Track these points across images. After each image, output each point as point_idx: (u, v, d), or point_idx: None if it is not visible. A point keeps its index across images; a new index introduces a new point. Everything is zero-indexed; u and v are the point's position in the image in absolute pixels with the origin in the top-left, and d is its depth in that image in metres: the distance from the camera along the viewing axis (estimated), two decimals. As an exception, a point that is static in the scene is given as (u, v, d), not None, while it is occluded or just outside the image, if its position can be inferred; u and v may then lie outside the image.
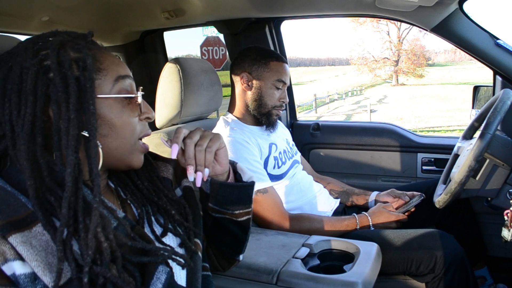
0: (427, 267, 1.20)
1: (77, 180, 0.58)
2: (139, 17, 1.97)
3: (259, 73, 1.48)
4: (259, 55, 1.50)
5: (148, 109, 0.72)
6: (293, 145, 1.70)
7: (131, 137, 0.69)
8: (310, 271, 0.96)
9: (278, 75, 1.48)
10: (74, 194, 0.57)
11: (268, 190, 1.34)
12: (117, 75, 0.67)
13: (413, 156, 1.98)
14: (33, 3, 1.50)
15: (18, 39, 0.77)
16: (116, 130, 0.66)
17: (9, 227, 0.54)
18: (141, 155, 0.72)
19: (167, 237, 0.74)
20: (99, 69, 0.65)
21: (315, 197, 1.53)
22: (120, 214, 0.67)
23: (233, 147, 1.34)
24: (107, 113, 0.65)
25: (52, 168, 0.59)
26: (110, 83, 0.66)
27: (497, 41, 1.49)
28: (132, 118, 0.69)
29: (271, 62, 1.49)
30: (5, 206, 0.56)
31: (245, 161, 1.33)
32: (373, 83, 36.06)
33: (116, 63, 0.68)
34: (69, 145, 0.59)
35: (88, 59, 0.63)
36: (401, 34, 37.12)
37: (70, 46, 0.64)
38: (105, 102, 0.65)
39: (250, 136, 1.43)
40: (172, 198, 0.78)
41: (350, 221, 1.38)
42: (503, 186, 1.22)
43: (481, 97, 1.78)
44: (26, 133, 0.59)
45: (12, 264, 0.53)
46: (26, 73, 0.60)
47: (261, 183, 1.33)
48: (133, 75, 0.73)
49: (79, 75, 0.62)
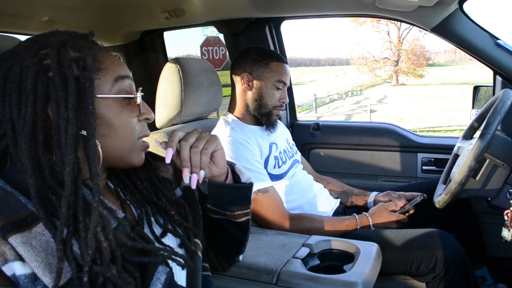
0: (428, 267, 1.20)
1: (76, 180, 0.58)
2: (139, 17, 1.97)
3: (259, 74, 1.48)
4: (260, 56, 1.50)
5: (147, 110, 0.72)
6: (293, 144, 1.70)
7: (130, 137, 0.69)
8: (310, 271, 0.96)
9: (279, 76, 1.48)
10: (73, 194, 0.57)
11: (268, 190, 1.34)
12: (116, 75, 0.67)
13: (413, 156, 1.98)
14: (33, 3, 1.50)
15: (18, 39, 0.77)
16: (115, 130, 0.66)
17: (9, 228, 0.54)
18: (142, 153, 0.73)
19: (166, 238, 0.74)
20: (99, 69, 0.65)
21: (315, 196, 1.54)
22: (120, 214, 0.68)
23: (233, 147, 1.34)
24: (106, 113, 0.65)
25: (53, 167, 0.59)
26: (109, 83, 0.66)
27: (497, 41, 1.49)
28: (131, 119, 0.69)
29: (272, 62, 1.49)
30: (5, 206, 0.56)
31: (245, 161, 1.33)
32: (373, 83, 36.06)
33: (116, 63, 0.69)
34: (68, 144, 0.59)
35: (88, 58, 0.63)
36: (401, 34, 37.14)
37: (71, 45, 0.64)
38: (104, 102, 0.65)
39: (250, 136, 1.43)
40: (172, 199, 0.78)
41: (350, 221, 1.38)
42: (503, 186, 1.22)
43: (481, 97, 1.78)
44: (27, 132, 0.59)
45: (12, 264, 0.53)
46: (26, 72, 0.60)
47: (261, 183, 1.33)
48: (133, 75, 0.73)
49: (79, 74, 0.62)
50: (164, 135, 1.38)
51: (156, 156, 0.86)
